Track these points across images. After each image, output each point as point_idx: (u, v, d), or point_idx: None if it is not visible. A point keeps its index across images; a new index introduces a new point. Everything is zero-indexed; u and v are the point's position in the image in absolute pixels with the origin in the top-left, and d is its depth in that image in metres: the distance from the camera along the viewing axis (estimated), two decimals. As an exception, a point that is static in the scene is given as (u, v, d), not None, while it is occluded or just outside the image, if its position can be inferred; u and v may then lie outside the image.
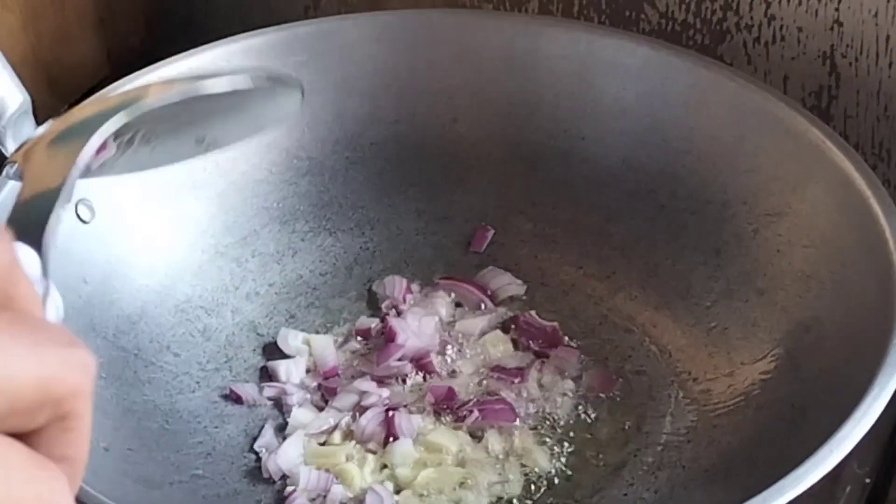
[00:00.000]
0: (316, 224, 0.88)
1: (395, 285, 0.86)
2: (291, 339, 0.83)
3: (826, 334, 0.74)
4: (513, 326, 0.84)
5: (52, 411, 0.34)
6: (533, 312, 0.84)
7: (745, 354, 0.78)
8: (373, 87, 0.89)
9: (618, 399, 0.80)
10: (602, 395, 0.80)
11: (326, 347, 0.82)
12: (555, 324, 0.83)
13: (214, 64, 0.85)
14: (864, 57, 0.83)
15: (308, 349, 0.83)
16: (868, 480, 0.75)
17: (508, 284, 0.87)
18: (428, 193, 0.89)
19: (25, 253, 0.43)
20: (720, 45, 0.88)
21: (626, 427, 0.78)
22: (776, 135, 0.80)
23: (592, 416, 0.79)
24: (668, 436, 0.76)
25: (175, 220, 0.84)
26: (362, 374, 0.81)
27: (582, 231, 0.87)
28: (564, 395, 0.80)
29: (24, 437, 0.34)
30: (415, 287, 0.87)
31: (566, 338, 0.83)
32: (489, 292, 0.86)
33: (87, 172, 0.49)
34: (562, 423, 0.78)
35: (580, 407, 0.79)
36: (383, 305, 0.85)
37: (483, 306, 0.86)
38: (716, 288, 0.81)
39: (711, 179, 0.83)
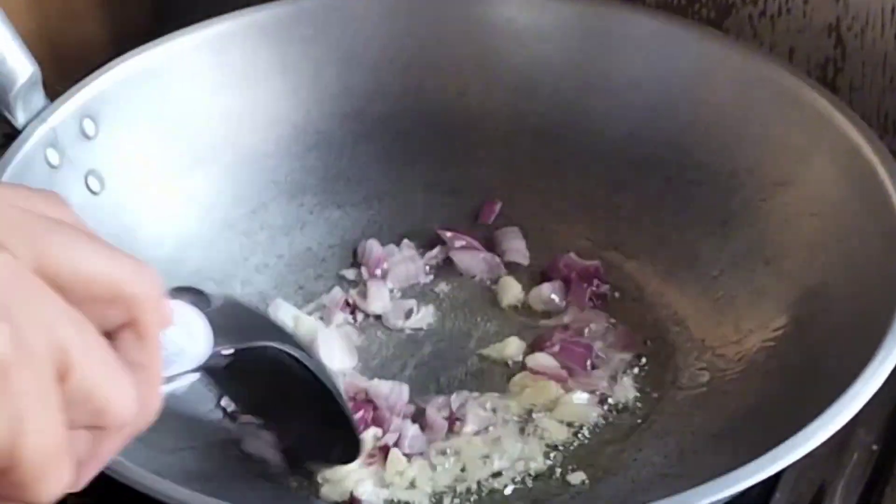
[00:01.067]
0: (324, 197, 0.89)
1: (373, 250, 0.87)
2: (282, 313, 0.83)
3: (832, 301, 0.74)
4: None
5: (124, 313, 0.40)
6: (573, 254, 0.85)
7: (752, 322, 0.78)
8: (380, 61, 0.89)
9: (631, 366, 0.80)
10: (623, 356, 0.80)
11: (311, 333, 0.81)
12: (596, 262, 0.84)
13: (222, 39, 0.85)
14: (870, 29, 0.83)
15: (294, 327, 0.82)
16: (875, 448, 0.76)
17: (517, 251, 0.87)
18: (435, 167, 0.90)
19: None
20: (726, 18, 0.88)
21: (638, 393, 0.78)
22: (782, 105, 0.80)
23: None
24: (679, 402, 0.77)
25: (184, 192, 0.85)
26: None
27: (589, 203, 0.87)
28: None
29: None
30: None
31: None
32: (500, 251, 0.87)
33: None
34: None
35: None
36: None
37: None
38: (723, 258, 0.81)
39: (718, 150, 0.83)
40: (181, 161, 0.85)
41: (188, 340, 0.50)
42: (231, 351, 0.55)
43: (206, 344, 0.51)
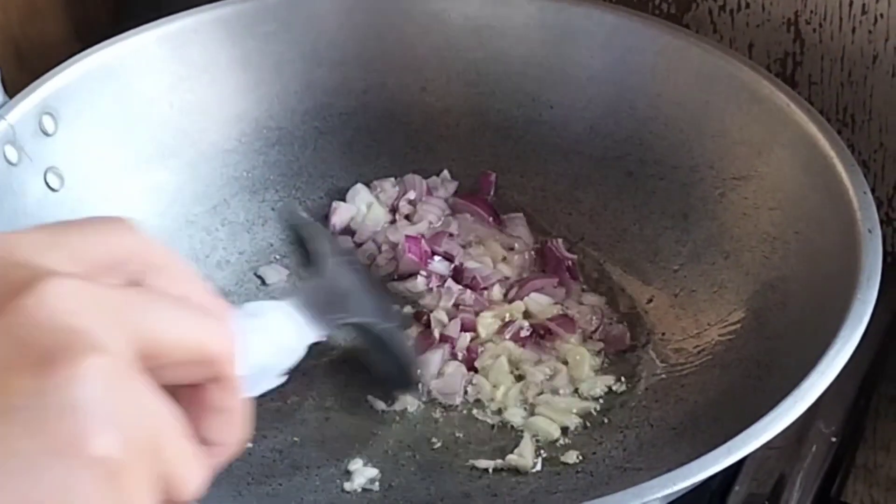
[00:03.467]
0: (286, 193, 0.89)
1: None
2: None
3: (791, 294, 0.75)
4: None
5: (207, 370, 0.41)
6: (560, 241, 0.85)
7: (711, 315, 0.78)
8: (342, 58, 0.89)
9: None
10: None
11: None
12: (574, 256, 0.84)
13: (183, 34, 0.85)
14: (828, 23, 0.84)
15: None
16: (834, 440, 0.76)
17: (519, 237, 0.87)
18: (397, 162, 0.90)
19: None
20: (686, 13, 0.89)
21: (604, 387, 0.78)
22: (741, 99, 0.80)
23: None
24: (639, 395, 0.77)
25: (144, 189, 0.84)
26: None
27: (550, 198, 0.88)
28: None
29: (189, 387, 0.42)
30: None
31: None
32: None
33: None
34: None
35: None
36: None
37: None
38: (683, 251, 0.82)
39: (678, 145, 0.83)
40: (141, 158, 0.84)
41: (278, 353, 0.52)
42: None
43: (298, 347, 0.53)
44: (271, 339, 0.51)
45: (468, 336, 0.79)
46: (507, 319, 0.80)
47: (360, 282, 0.70)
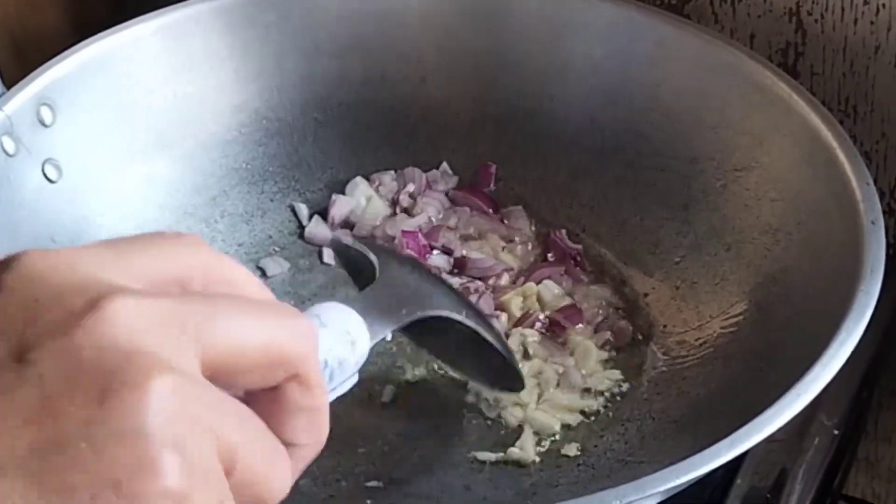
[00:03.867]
0: (285, 185, 0.88)
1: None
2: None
3: (794, 286, 0.74)
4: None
5: (286, 370, 0.39)
6: (563, 232, 0.85)
7: (713, 307, 0.78)
8: (342, 49, 0.88)
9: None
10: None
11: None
12: (579, 247, 0.84)
13: (182, 24, 0.85)
14: (830, 14, 0.83)
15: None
16: (836, 432, 0.76)
17: (520, 229, 0.86)
18: (397, 153, 0.89)
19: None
20: (687, 4, 0.88)
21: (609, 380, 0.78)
22: (742, 89, 0.80)
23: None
24: (641, 388, 0.77)
25: (143, 180, 0.84)
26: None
27: (550, 189, 0.87)
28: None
29: (269, 390, 0.40)
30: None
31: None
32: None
33: None
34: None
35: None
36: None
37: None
38: (684, 243, 0.82)
39: (678, 136, 0.83)
40: (140, 149, 0.84)
41: (349, 350, 0.50)
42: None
43: (365, 345, 0.51)
44: (340, 338, 0.50)
45: (504, 316, 0.79)
46: (528, 306, 0.80)
47: (430, 280, 0.67)
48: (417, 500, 0.70)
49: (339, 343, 0.50)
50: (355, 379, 0.51)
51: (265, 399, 0.40)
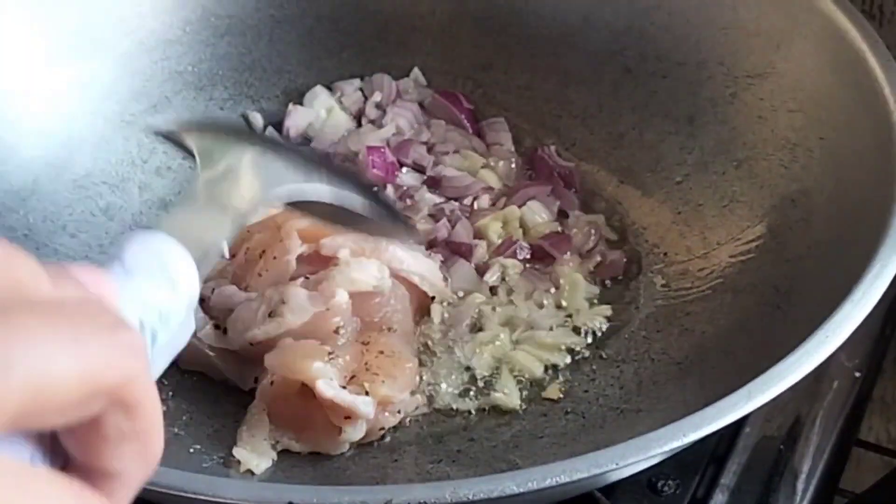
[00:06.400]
0: (236, 91, 0.85)
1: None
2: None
3: (815, 209, 0.70)
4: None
5: (107, 399, 0.35)
6: (552, 147, 0.80)
7: (721, 233, 0.74)
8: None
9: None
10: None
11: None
12: (570, 164, 0.80)
13: None
14: None
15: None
16: (858, 374, 0.72)
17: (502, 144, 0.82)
18: (363, 58, 0.85)
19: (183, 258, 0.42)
20: None
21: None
22: (758, -15, 0.76)
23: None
24: (637, 325, 0.72)
25: (74, 83, 0.80)
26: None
27: (538, 98, 0.83)
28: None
29: (88, 424, 0.35)
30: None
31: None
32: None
33: None
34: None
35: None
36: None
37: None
38: (689, 160, 0.78)
39: (684, 38, 0.79)
40: (71, 48, 0.79)
41: (170, 295, 0.41)
42: None
43: (193, 280, 0.42)
44: (156, 283, 0.41)
45: (483, 244, 0.75)
46: (509, 232, 0.75)
47: (271, 153, 0.54)
48: (381, 454, 0.65)
49: (156, 289, 0.41)
50: (192, 326, 0.42)
51: (80, 430, 0.35)
